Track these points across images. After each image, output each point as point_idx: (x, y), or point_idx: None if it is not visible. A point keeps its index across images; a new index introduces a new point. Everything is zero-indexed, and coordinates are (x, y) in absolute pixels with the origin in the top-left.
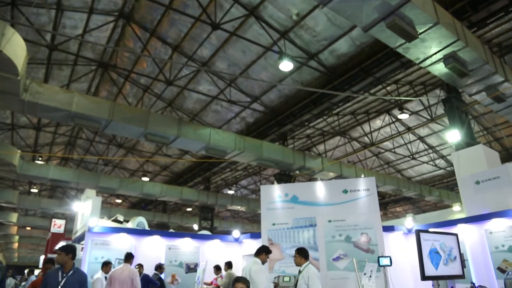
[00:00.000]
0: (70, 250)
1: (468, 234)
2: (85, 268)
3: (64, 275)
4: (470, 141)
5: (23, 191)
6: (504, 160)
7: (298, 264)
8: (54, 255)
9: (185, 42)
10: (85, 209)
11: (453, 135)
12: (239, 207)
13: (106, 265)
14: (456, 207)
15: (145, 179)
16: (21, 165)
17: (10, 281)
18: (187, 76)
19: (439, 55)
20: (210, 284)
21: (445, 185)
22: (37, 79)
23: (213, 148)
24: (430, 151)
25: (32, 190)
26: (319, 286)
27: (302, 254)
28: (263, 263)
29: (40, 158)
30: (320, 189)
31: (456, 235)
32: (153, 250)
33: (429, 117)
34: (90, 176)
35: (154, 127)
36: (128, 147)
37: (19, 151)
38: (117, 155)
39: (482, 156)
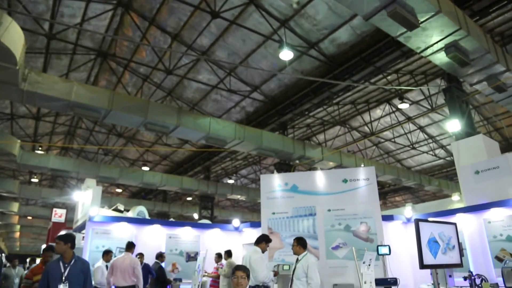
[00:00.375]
0: (69, 239)
1: (467, 223)
2: (86, 257)
3: (66, 265)
4: (470, 131)
5: (23, 180)
6: (504, 150)
7: (296, 253)
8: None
9: (184, 30)
10: (85, 198)
11: (453, 125)
12: (239, 196)
13: (107, 254)
14: (455, 197)
15: (145, 168)
16: (21, 155)
17: (19, 270)
18: (186, 65)
19: (441, 44)
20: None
21: (445, 175)
22: (35, 68)
23: (213, 138)
24: (430, 141)
25: (33, 180)
26: (318, 276)
27: (300, 243)
28: (263, 251)
29: (40, 148)
30: (320, 178)
31: (455, 224)
32: (153, 239)
33: (429, 107)
34: (90, 166)
35: (153, 117)
36: (128, 136)
37: (19, 140)
38: (117, 144)
39: (482, 146)
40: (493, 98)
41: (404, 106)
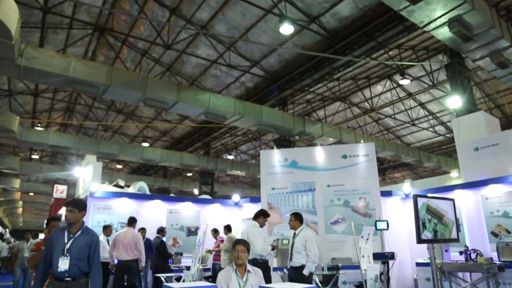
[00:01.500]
0: (83, 206)
1: (464, 199)
2: None
3: (72, 235)
4: (471, 107)
5: (24, 157)
6: (504, 127)
7: (293, 228)
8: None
9: (183, 4)
10: (86, 174)
11: (454, 101)
12: (238, 172)
13: (106, 228)
14: (454, 173)
15: (145, 144)
16: (20, 132)
17: (31, 244)
18: (185, 40)
19: (444, 19)
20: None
21: (444, 152)
22: (32, 43)
23: (212, 113)
24: (430, 117)
25: (33, 157)
26: (316, 248)
27: (298, 218)
28: (261, 226)
29: (39, 125)
30: (319, 154)
31: (452, 200)
32: (154, 214)
33: (430, 83)
34: (90, 142)
35: (153, 92)
36: (128, 112)
37: (18, 117)
38: (117, 120)
39: (482, 122)
40: (496, 74)
41: (405, 82)
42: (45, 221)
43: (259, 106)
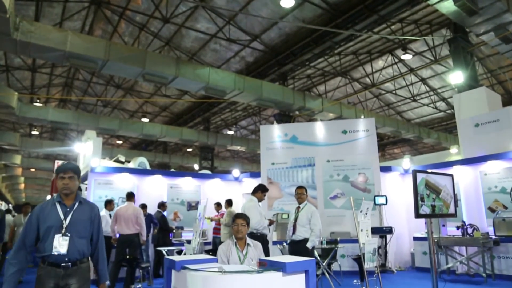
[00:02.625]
0: (79, 172)
1: (463, 175)
2: None
3: (68, 209)
4: (473, 83)
5: (24, 133)
6: (506, 103)
7: (302, 201)
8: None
9: None
10: (86, 150)
11: (456, 77)
12: (238, 147)
13: (109, 203)
14: (453, 150)
15: (145, 120)
16: (19, 107)
17: None
18: (184, 13)
19: None
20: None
21: (444, 128)
22: (27, 17)
23: (212, 88)
24: (432, 93)
25: (33, 133)
26: (320, 222)
27: (306, 192)
28: (260, 200)
29: (38, 100)
30: (319, 129)
31: (451, 176)
32: (155, 189)
33: (432, 58)
34: (89, 118)
35: (152, 67)
36: (127, 87)
37: (16, 93)
38: (116, 96)
39: (484, 98)
40: (499, 49)
41: (407, 57)
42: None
43: (259, 81)
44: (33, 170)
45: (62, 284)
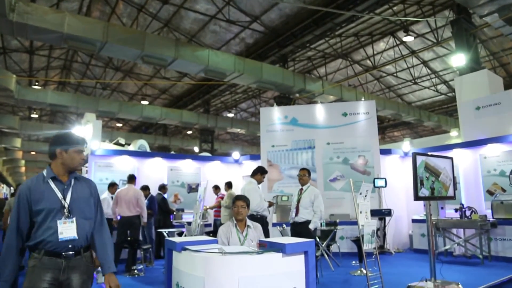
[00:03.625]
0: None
1: (463, 158)
2: None
3: (65, 186)
4: (475, 66)
5: (23, 116)
6: (507, 86)
7: (304, 183)
8: None
9: None
10: (86, 132)
11: (458, 59)
12: (238, 130)
13: (112, 186)
14: (453, 133)
15: (145, 102)
16: (18, 90)
17: None
18: None
19: None
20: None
21: (445, 111)
22: None
23: (212, 70)
24: (433, 76)
25: (33, 116)
26: (323, 205)
27: (309, 173)
28: (259, 183)
29: (36, 83)
30: (319, 111)
31: (451, 158)
32: (155, 172)
33: (434, 40)
34: (89, 100)
35: (151, 49)
36: (126, 70)
37: (14, 75)
38: (115, 78)
39: (485, 81)
40: (503, 31)
41: (408, 39)
42: None
43: (259, 63)
44: (33, 153)
45: (62, 278)
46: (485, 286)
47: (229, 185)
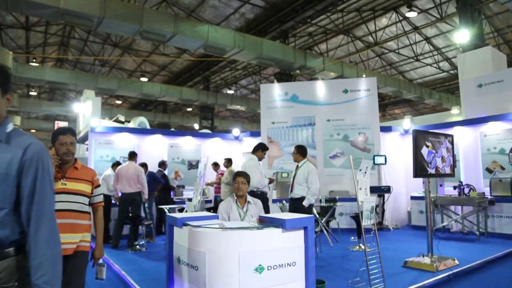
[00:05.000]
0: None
1: (463, 136)
2: (91, 166)
3: None
4: (478, 42)
5: (22, 94)
6: (511, 64)
7: (296, 160)
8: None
9: None
10: (85, 110)
11: (462, 36)
12: (238, 107)
13: (116, 165)
14: (454, 110)
15: (144, 79)
16: (15, 67)
17: None
18: None
19: None
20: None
21: (446, 89)
22: None
23: (211, 46)
24: (435, 52)
25: (31, 93)
26: (317, 181)
27: (300, 151)
28: (260, 159)
29: (34, 60)
30: (320, 88)
31: (451, 136)
32: (155, 149)
33: (438, 16)
34: (87, 77)
35: (149, 24)
36: (124, 46)
37: (11, 52)
38: (113, 55)
39: (489, 58)
40: (508, 6)
41: (411, 14)
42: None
43: (260, 38)
44: (33, 131)
45: None
46: (481, 261)
47: (229, 161)
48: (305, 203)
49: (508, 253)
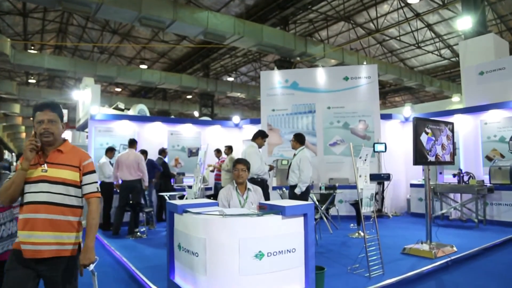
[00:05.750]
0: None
1: (463, 124)
2: (91, 154)
3: None
4: (481, 29)
5: (21, 82)
6: None
7: (293, 148)
8: None
9: None
10: (85, 97)
11: (464, 22)
12: (239, 94)
13: (109, 151)
14: (455, 98)
15: (143, 66)
16: (13, 55)
17: None
18: None
19: None
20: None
21: (447, 76)
22: None
23: (211, 33)
24: (437, 40)
25: (30, 81)
26: (309, 168)
27: (297, 139)
28: (260, 146)
29: (32, 47)
30: (320, 75)
31: (452, 124)
32: (155, 136)
33: (440, 2)
34: (86, 65)
35: (148, 11)
36: (123, 33)
37: (9, 39)
38: (112, 42)
39: (491, 46)
40: None
41: (413, 0)
42: None
43: (260, 25)
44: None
45: None
46: (479, 248)
47: (229, 148)
48: (297, 190)
49: (506, 240)
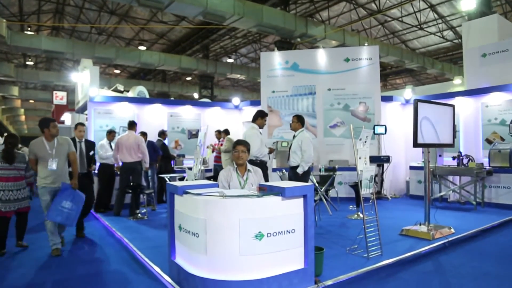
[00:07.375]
0: None
1: (464, 106)
2: (91, 136)
3: None
4: (485, 10)
5: (18, 64)
6: None
7: (294, 129)
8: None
9: None
10: (84, 79)
11: (468, 3)
12: (238, 76)
13: (110, 133)
14: (457, 81)
15: (142, 48)
16: (10, 36)
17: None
18: None
19: None
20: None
21: (449, 58)
22: None
23: (210, 13)
24: (440, 21)
25: (28, 63)
26: (311, 149)
27: (300, 120)
28: (261, 127)
29: (29, 28)
30: (321, 57)
31: (453, 106)
32: (155, 118)
33: None
34: (85, 46)
35: None
36: (121, 14)
37: (4, 20)
38: (110, 22)
39: (495, 27)
40: None
41: None
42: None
43: (260, 5)
44: (32, 101)
45: None
46: (476, 230)
47: (226, 132)
48: (299, 170)
49: (503, 222)
